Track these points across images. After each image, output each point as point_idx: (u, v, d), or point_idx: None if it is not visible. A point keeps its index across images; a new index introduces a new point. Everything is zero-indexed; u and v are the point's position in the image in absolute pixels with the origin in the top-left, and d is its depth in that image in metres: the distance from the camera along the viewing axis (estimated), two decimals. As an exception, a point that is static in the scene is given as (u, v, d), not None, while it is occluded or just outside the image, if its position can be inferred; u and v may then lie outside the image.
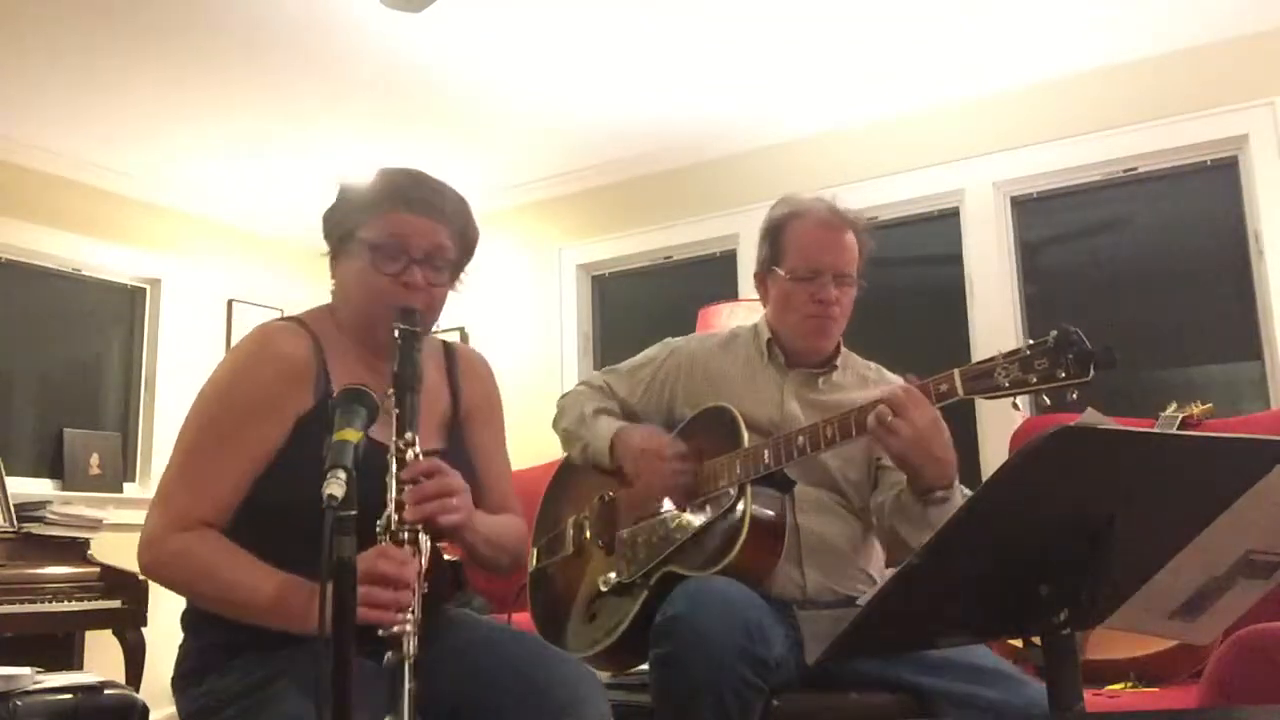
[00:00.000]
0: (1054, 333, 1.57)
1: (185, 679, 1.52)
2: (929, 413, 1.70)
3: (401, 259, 1.53)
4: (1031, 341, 1.60)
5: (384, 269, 1.53)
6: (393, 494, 1.36)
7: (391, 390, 1.41)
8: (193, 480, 1.47)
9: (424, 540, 1.37)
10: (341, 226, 1.59)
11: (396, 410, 1.40)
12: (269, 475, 1.48)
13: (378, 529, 1.35)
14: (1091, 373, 1.53)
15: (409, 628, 1.30)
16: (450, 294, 1.66)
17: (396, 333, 1.46)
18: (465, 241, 1.63)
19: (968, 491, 1.86)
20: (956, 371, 1.69)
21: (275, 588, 1.40)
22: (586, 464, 2.11)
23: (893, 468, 1.91)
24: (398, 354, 1.45)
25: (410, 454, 1.39)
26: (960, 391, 1.68)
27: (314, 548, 1.11)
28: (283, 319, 1.62)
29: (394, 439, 1.39)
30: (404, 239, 1.53)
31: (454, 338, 5.12)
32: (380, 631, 1.29)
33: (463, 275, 1.68)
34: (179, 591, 1.50)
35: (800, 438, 1.83)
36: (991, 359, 1.65)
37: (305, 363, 1.53)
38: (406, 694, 1.26)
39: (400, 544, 1.35)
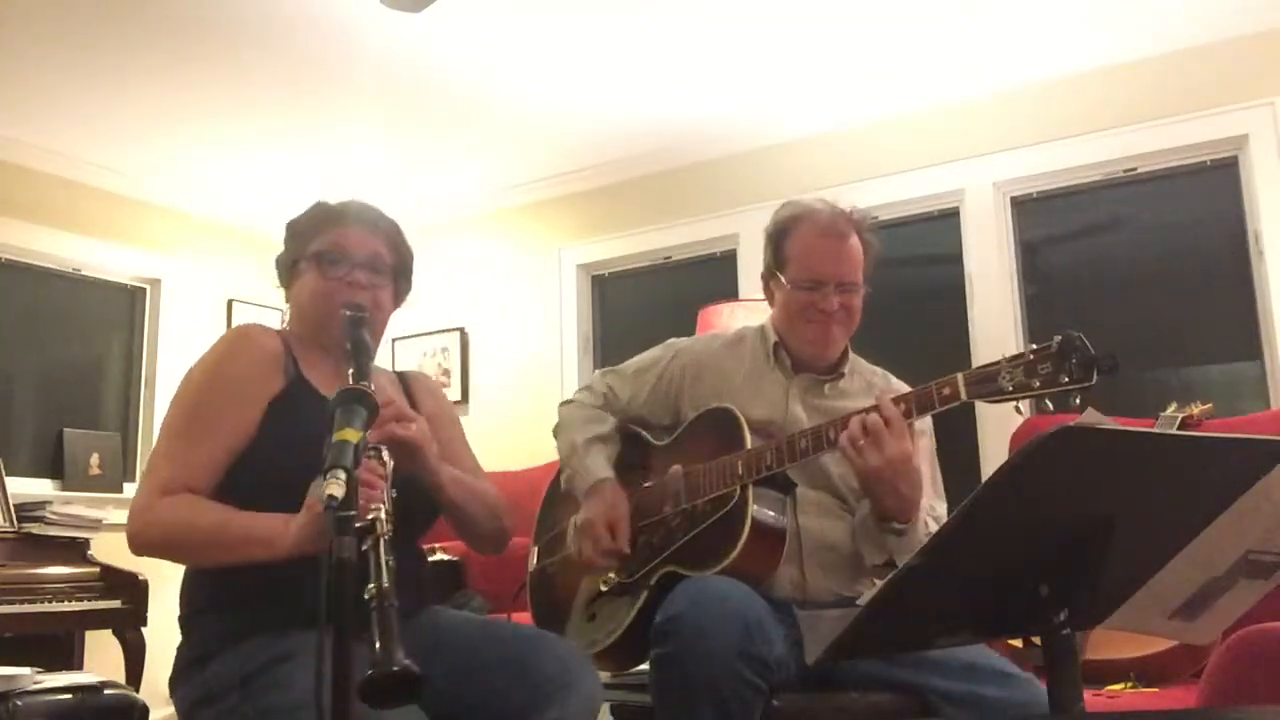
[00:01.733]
0: (1058, 338, 1.57)
1: (186, 669, 1.56)
2: (901, 447, 1.72)
3: (345, 263, 1.74)
4: (1035, 346, 1.61)
5: (330, 274, 1.74)
6: None
7: (349, 361, 1.57)
8: (175, 456, 1.61)
9: (386, 455, 1.48)
10: (291, 255, 1.81)
11: (350, 369, 1.55)
12: (246, 452, 1.62)
13: None
14: (1095, 378, 1.54)
15: (380, 514, 1.34)
16: (398, 307, 1.86)
17: (345, 316, 1.65)
18: (400, 253, 1.84)
19: (943, 517, 1.88)
20: (960, 375, 1.69)
21: (251, 518, 1.53)
22: (569, 493, 2.12)
23: None
24: (347, 332, 1.64)
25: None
26: (964, 395, 1.68)
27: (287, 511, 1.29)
28: (252, 322, 1.83)
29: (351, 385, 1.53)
30: (344, 247, 1.75)
31: (454, 338, 5.16)
32: (355, 524, 1.33)
33: (406, 295, 1.88)
34: (164, 551, 1.60)
35: (803, 440, 1.83)
36: (995, 363, 1.65)
37: (276, 352, 1.71)
38: (382, 567, 1.29)
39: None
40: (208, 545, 1.54)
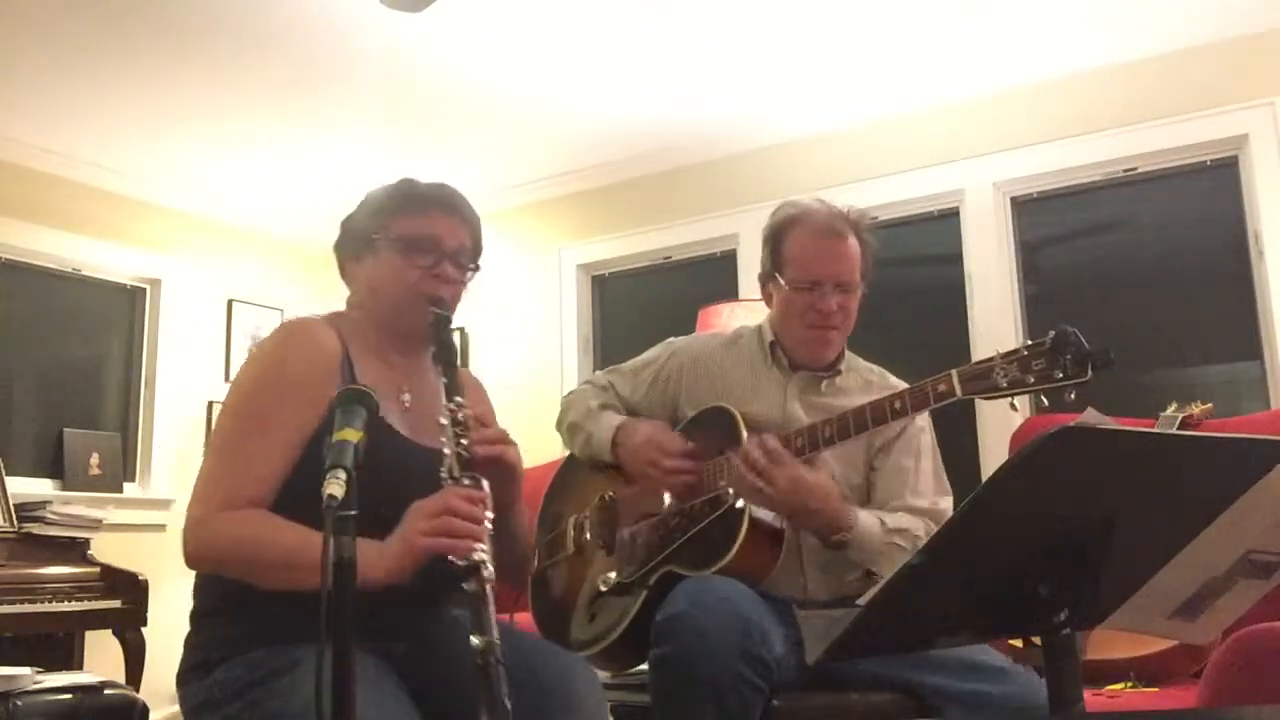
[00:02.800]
0: (1052, 333, 1.57)
1: (192, 672, 1.53)
2: (785, 473, 1.76)
3: (434, 254, 1.66)
4: (1030, 342, 1.61)
5: (418, 262, 1.65)
6: (451, 448, 1.48)
7: (442, 376, 1.56)
8: (234, 464, 1.52)
9: (484, 483, 1.47)
10: (366, 228, 1.70)
11: (444, 380, 1.54)
12: (304, 459, 1.53)
13: (442, 475, 1.46)
14: (1089, 373, 1.54)
15: (485, 556, 1.38)
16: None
17: (431, 317, 1.61)
18: (478, 246, 1.76)
19: (896, 525, 1.88)
20: (955, 372, 1.70)
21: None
22: (588, 458, 2.11)
23: (878, 484, 1.95)
24: (433, 335, 1.61)
25: (462, 414, 1.51)
26: (958, 392, 1.69)
27: (362, 529, 1.19)
28: (304, 316, 1.71)
29: (446, 402, 1.52)
30: (436, 236, 1.67)
31: (454, 338, 5.13)
32: (459, 560, 1.37)
33: (471, 280, 1.78)
34: (230, 568, 1.51)
35: (799, 438, 1.83)
36: (989, 359, 1.65)
37: (335, 351, 1.61)
38: (491, 617, 1.34)
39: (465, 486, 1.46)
40: (284, 566, 1.44)
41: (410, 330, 1.66)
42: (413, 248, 1.65)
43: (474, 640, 1.34)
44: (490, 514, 1.44)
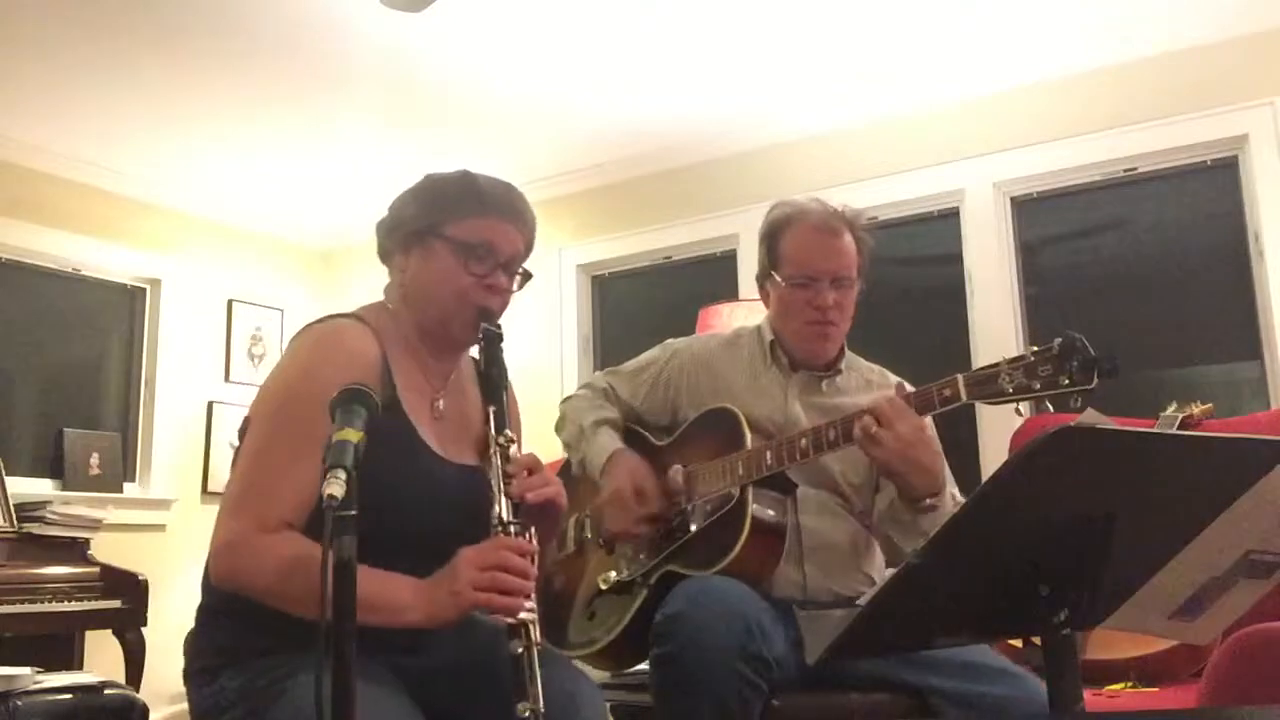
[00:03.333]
0: (1059, 340, 1.57)
1: (199, 675, 1.52)
2: (914, 422, 1.73)
3: (489, 261, 1.58)
4: (1036, 348, 1.61)
5: (472, 269, 1.57)
6: (499, 488, 1.43)
7: (484, 393, 1.53)
8: (269, 481, 1.44)
9: (533, 533, 1.43)
10: (423, 220, 1.60)
11: (494, 408, 1.49)
12: None
13: (493, 522, 1.41)
14: (1095, 380, 1.54)
15: (533, 615, 1.35)
16: None
17: (480, 334, 1.56)
18: (530, 249, 1.68)
19: (960, 497, 1.88)
20: (960, 377, 1.70)
21: (380, 580, 1.38)
22: (583, 475, 2.11)
23: None
24: (484, 353, 1.56)
25: (514, 449, 1.47)
26: (964, 397, 1.69)
27: (386, 549, 1.21)
28: (343, 316, 1.60)
29: (494, 435, 1.47)
30: (495, 244, 1.58)
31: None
32: (507, 619, 1.35)
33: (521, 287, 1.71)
34: (267, 597, 1.41)
35: (803, 440, 1.83)
36: (995, 365, 1.65)
37: (374, 360, 1.52)
38: (537, 679, 1.31)
39: (514, 535, 1.41)
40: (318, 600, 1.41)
41: (454, 339, 1.60)
42: (469, 253, 1.56)
43: (519, 707, 1.30)
44: (537, 566, 1.41)
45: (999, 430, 3.39)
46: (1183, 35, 3.45)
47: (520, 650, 1.34)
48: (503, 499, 1.43)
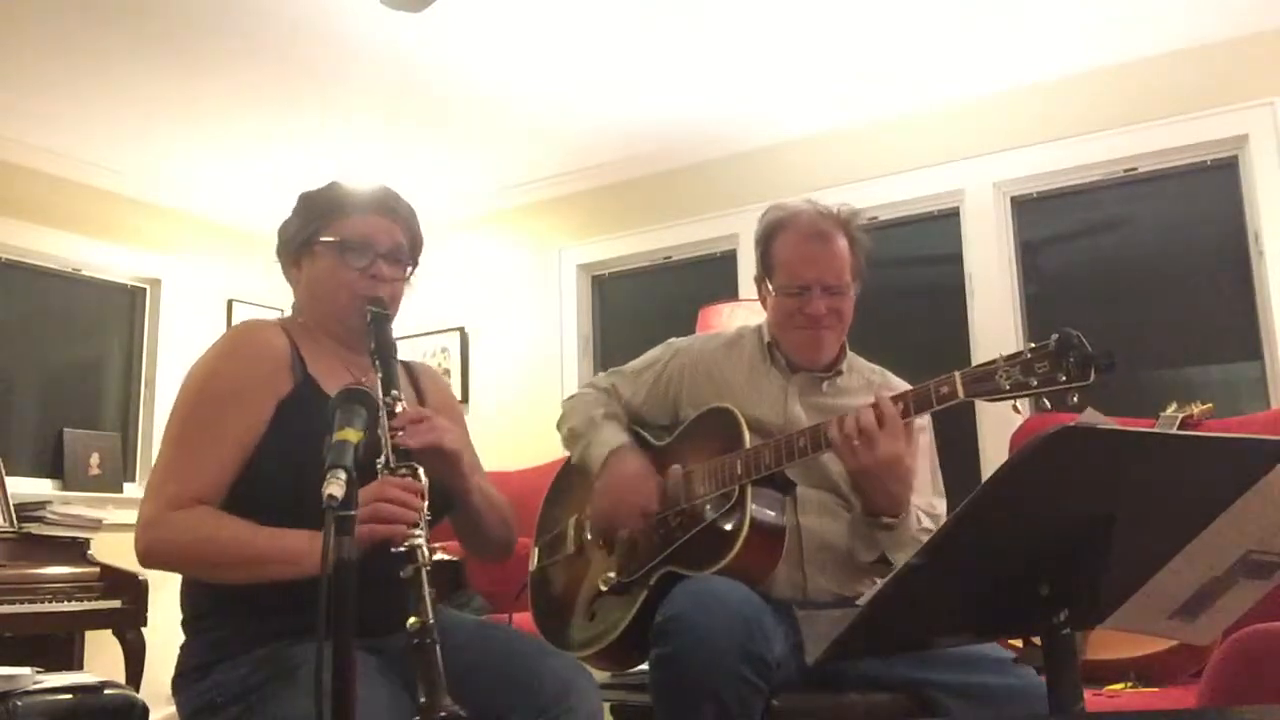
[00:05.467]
0: (1055, 336, 1.57)
1: (188, 676, 1.54)
2: (893, 447, 1.72)
3: (368, 254, 1.69)
4: (1033, 345, 1.60)
5: (353, 264, 1.68)
6: (386, 439, 1.49)
7: (378, 371, 1.58)
8: (183, 466, 1.55)
9: (421, 472, 1.49)
10: (303, 233, 1.74)
11: (380, 374, 1.56)
12: (255, 457, 1.56)
13: (378, 466, 1.48)
14: (1093, 376, 1.53)
15: (420, 540, 1.40)
16: (407, 291, 1.80)
17: (369, 315, 1.63)
18: (415, 242, 1.79)
19: (929, 521, 1.88)
20: (958, 374, 1.69)
21: (274, 535, 1.49)
22: (583, 466, 2.11)
23: None
24: (372, 332, 1.62)
25: (399, 406, 1.54)
26: (961, 394, 1.68)
27: (300, 519, 1.31)
28: (253, 318, 1.78)
29: (381, 397, 1.53)
30: (369, 237, 1.69)
31: (454, 338, 5.15)
32: (393, 548, 1.39)
33: (412, 278, 1.80)
34: (180, 566, 1.57)
35: (801, 439, 1.83)
36: (992, 362, 1.65)
37: (281, 350, 1.64)
38: (428, 598, 1.36)
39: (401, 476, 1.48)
40: (228, 562, 1.50)
41: (353, 331, 1.68)
42: (345, 249, 1.68)
43: (410, 621, 1.35)
44: (425, 499, 1.46)
45: (999, 430, 3.39)
46: (1183, 35, 3.45)
47: (411, 573, 1.40)
48: (387, 447, 1.50)
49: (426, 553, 1.41)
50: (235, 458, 1.55)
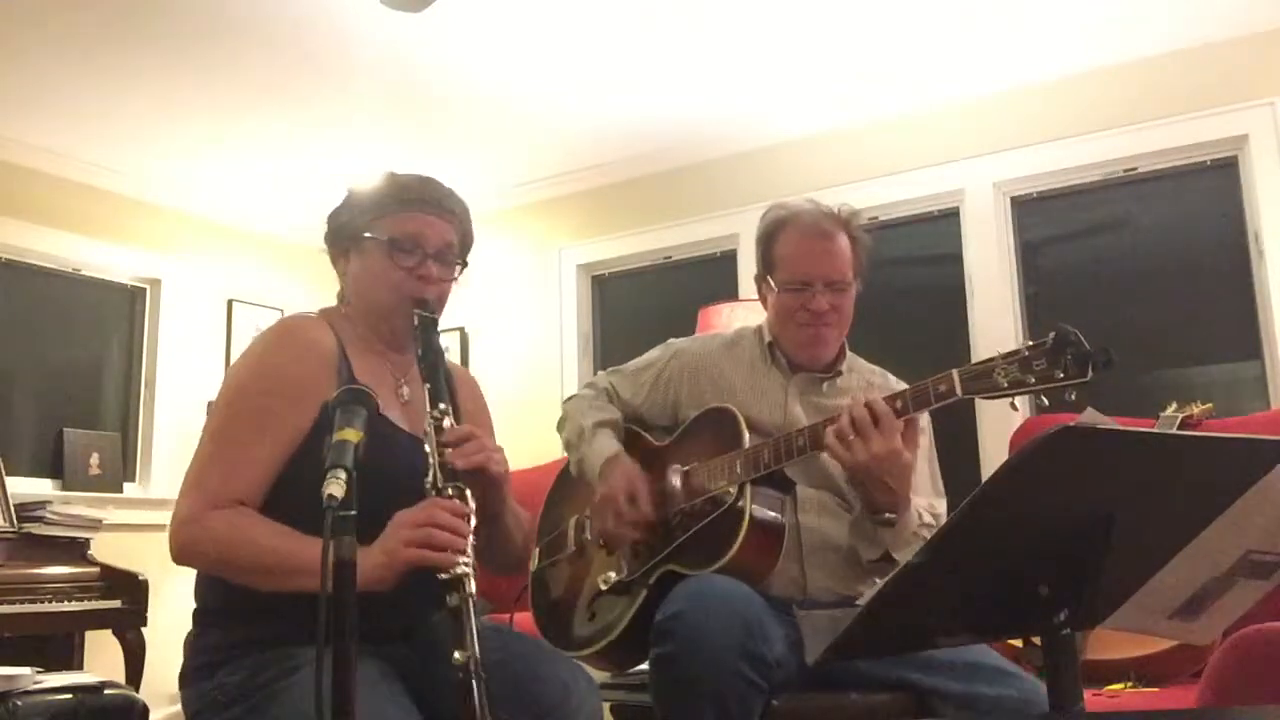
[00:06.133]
0: (1052, 333, 1.57)
1: (195, 674, 1.53)
2: (891, 444, 1.72)
3: (417, 254, 1.64)
4: (1030, 342, 1.61)
5: (401, 263, 1.64)
6: (434, 458, 1.47)
7: (422, 372, 1.57)
8: (225, 462, 1.51)
9: (469, 495, 1.47)
10: (352, 226, 1.69)
11: (428, 385, 1.53)
12: (297, 459, 1.53)
13: (426, 486, 1.46)
14: (1090, 373, 1.53)
15: (468, 569, 1.39)
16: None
17: (415, 320, 1.61)
18: (466, 241, 1.75)
19: (930, 517, 1.88)
20: (955, 372, 1.70)
21: (313, 546, 1.41)
22: (581, 477, 2.11)
23: None
24: (419, 338, 1.60)
25: (446, 421, 1.51)
26: (959, 391, 1.69)
27: (358, 527, 1.21)
28: (300, 314, 1.69)
29: (429, 410, 1.52)
30: (419, 236, 1.65)
31: (454, 338, 5.15)
32: (440, 575, 1.38)
33: (460, 275, 1.77)
34: (215, 567, 1.51)
35: (800, 438, 1.83)
36: (990, 359, 1.65)
37: (330, 351, 1.59)
38: (473, 630, 1.35)
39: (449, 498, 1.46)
40: (265, 569, 1.45)
41: (397, 331, 1.66)
42: (396, 248, 1.64)
43: (455, 655, 1.34)
44: (473, 525, 1.44)
45: (999, 430, 3.39)
46: (1183, 35, 3.45)
47: (457, 603, 1.38)
48: (435, 466, 1.48)
49: (472, 585, 1.39)
50: (277, 458, 1.52)
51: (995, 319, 3.72)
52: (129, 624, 3.62)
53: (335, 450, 1.17)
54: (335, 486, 1.11)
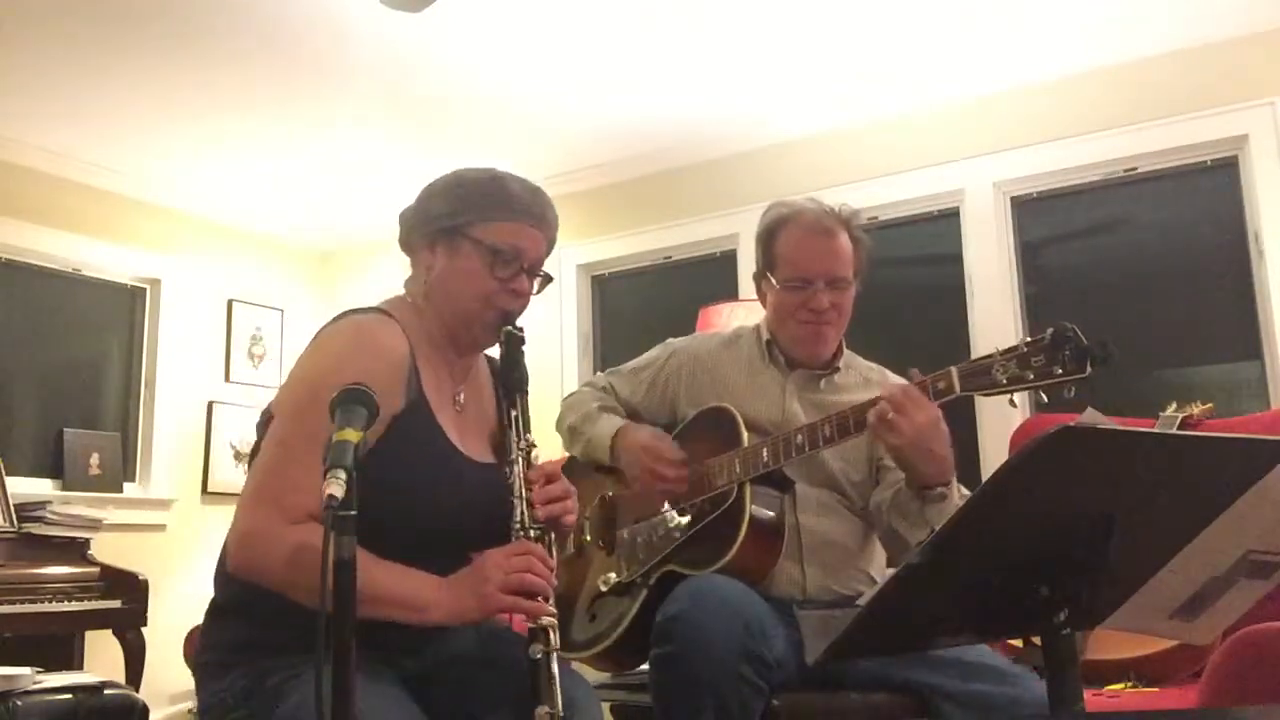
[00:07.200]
0: (1050, 329, 1.57)
1: (206, 669, 1.51)
2: (930, 412, 1.71)
3: (515, 266, 1.58)
4: (1029, 339, 1.61)
5: (498, 274, 1.57)
6: (522, 492, 1.46)
7: (505, 395, 1.57)
8: (293, 472, 1.40)
9: (551, 539, 1.46)
10: (451, 219, 1.60)
11: (515, 412, 1.51)
12: (364, 472, 1.47)
13: (515, 526, 1.45)
14: (1089, 369, 1.53)
15: (553, 620, 1.39)
16: None
17: (502, 337, 1.58)
18: (551, 251, 1.69)
19: (966, 491, 1.87)
20: (954, 369, 1.70)
21: (401, 575, 1.40)
22: (588, 459, 2.11)
23: (894, 467, 1.92)
24: (507, 357, 1.57)
25: (534, 453, 1.49)
26: (958, 388, 1.69)
27: (405, 544, 1.26)
28: (371, 311, 1.59)
29: (515, 440, 1.49)
30: (521, 249, 1.59)
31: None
32: (530, 624, 1.38)
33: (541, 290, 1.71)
34: (284, 586, 1.38)
35: (799, 436, 1.83)
36: (989, 356, 1.65)
37: (403, 357, 1.51)
38: (556, 684, 1.35)
39: (534, 540, 1.44)
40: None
41: (475, 339, 1.61)
42: (496, 256, 1.57)
43: (541, 712, 1.33)
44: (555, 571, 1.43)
45: (999, 430, 3.39)
46: (1183, 35, 3.45)
47: (540, 655, 1.37)
48: (523, 505, 1.45)
49: (555, 639, 1.38)
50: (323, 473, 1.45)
51: (995, 319, 3.72)
52: (129, 624, 3.62)
53: (335, 450, 1.16)
54: (335, 486, 1.11)
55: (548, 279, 1.66)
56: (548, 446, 2.35)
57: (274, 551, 1.38)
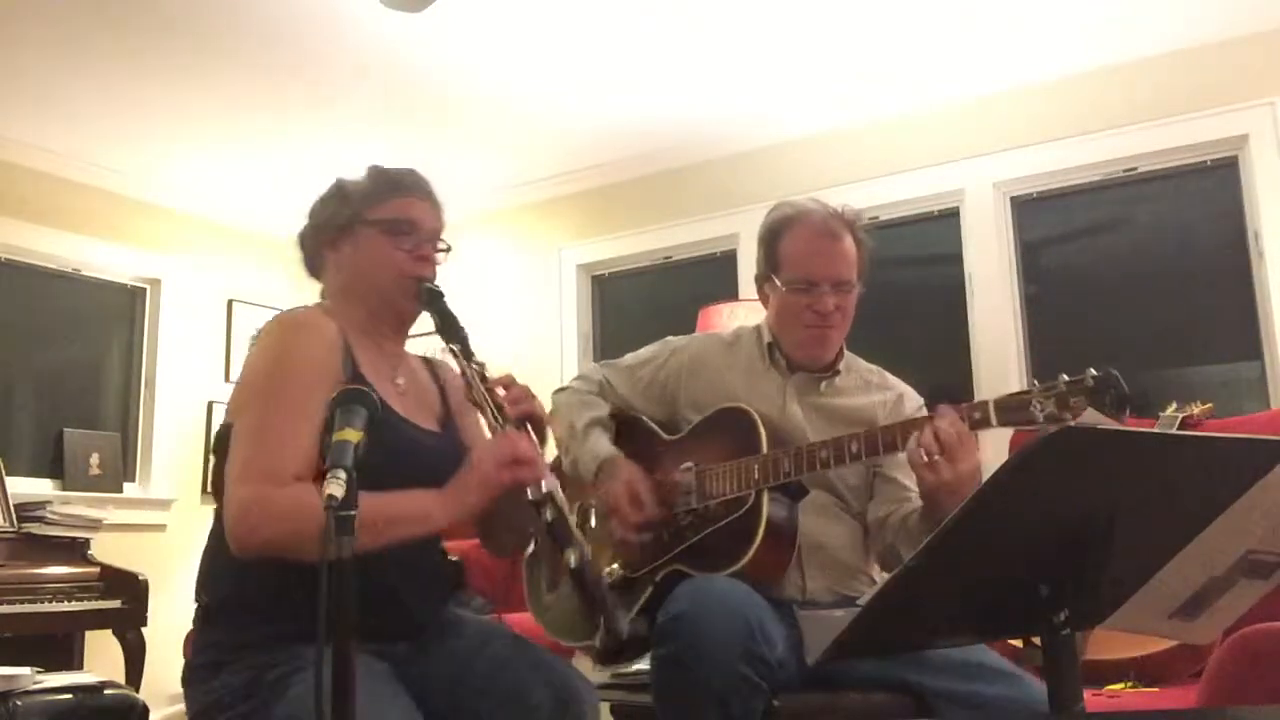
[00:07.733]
0: (1092, 373, 1.58)
1: (198, 672, 1.52)
2: (975, 459, 1.68)
3: (415, 236, 1.70)
4: (1068, 378, 1.61)
5: (401, 245, 1.68)
6: (488, 401, 1.59)
7: (450, 343, 1.65)
8: (273, 447, 1.47)
9: (529, 428, 1.59)
10: (344, 214, 1.71)
11: (454, 346, 1.63)
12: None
13: (494, 424, 1.58)
14: (1125, 417, 1.54)
15: (555, 484, 1.52)
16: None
17: (423, 294, 1.67)
18: (443, 227, 1.81)
19: None
20: (991, 401, 1.69)
21: (401, 495, 1.48)
22: (573, 477, 2.10)
23: (892, 480, 1.92)
24: (430, 307, 1.67)
25: (486, 371, 1.60)
26: (994, 422, 1.68)
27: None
28: (296, 307, 1.70)
29: (466, 364, 1.61)
30: (416, 220, 1.71)
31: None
32: (533, 494, 1.50)
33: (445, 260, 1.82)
34: (295, 541, 1.37)
35: (824, 450, 1.81)
36: (1027, 392, 1.65)
37: (337, 338, 1.61)
38: (573, 524, 1.48)
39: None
40: (370, 524, 1.33)
41: (401, 311, 1.70)
42: (395, 229, 1.68)
43: (569, 555, 1.43)
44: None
45: (999, 430, 3.38)
46: (1183, 35, 3.45)
47: (553, 515, 1.48)
48: (492, 408, 1.56)
49: (560, 496, 1.50)
50: (315, 440, 1.41)
51: (995, 319, 3.72)
52: (129, 624, 3.62)
53: (335, 450, 1.17)
54: (335, 486, 1.11)
55: (448, 248, 1.78)
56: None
57: (272, 510, 1.43)
